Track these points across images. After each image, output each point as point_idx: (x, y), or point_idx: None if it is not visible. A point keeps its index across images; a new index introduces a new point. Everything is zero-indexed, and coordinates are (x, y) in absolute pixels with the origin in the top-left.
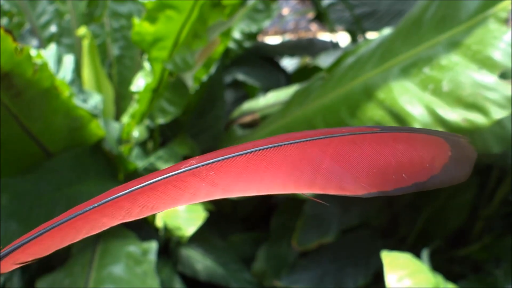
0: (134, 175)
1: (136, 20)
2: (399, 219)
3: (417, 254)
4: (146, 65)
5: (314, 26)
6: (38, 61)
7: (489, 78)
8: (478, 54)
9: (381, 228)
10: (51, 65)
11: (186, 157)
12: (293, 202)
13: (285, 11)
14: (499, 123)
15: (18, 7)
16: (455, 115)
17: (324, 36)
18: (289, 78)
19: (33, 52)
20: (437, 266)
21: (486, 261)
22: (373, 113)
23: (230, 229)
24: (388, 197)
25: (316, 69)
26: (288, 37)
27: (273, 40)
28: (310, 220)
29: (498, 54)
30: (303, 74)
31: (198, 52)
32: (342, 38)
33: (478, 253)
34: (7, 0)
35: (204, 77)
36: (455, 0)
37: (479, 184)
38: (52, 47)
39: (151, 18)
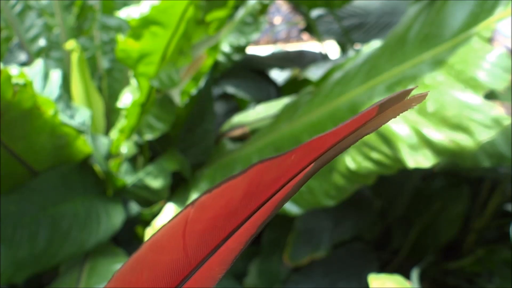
0: (123, 191)
1: (121, 38)
2: (392, 232)
3: (410, 267)
4: (133, 81)
5: (306, 35)
6: (20, 80)
7: (474, 99)
8: (462, 74)
9: (374, 241)
10: (38, 81)
11: (175, 173)
12: (284, 217)
13: (277, 20)
14: None
15: (6, 21)
16: (440, 135)
17: (316, 45)
18: (279, 90)
19: (15, 71)
20: (431, 278)
21: (479, 274)
22: None
23: None
24: (381, 210)
25: (306, 82)
26: (280, 46)
27: (264, 49)
28: (302, 235)
29: (482, 75)
30: (293, 86)
31: (184, 68)
32: (332, 48)
33: (471, 266)
34: None
35: (193, 91)
36: (439, 18)
37: (471, 195)
38: (39, 63)
39: (136, 35)
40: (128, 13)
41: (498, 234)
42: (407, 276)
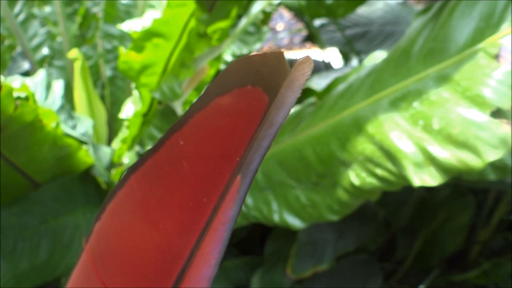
0: None
1: (123, 50)
2: (396, 242)
3: (415, 278)
4: (135, 92)
5: (308, 42)
6: (22, 93)
7: (480, 117)
8: (468, 91)
9: (378, 251)
10: (40, 92)
11: None
12: (287, 228)
13: (280, 26)
14: None
15: (9, 29)
16: (446, 153)
17: (319, 52)
18: None
19: (16, 84)
20: None
21: (484, 287)
22: (364, 147)
23: (223, 255)
24: (385, 220)
25: (309, 91)
26: None
27: None
28: (305, 247)
29: (488, 92)
30: None
31: (186, 79)
32: (335, 55)
33: (477, 279)
34: None
35: None
36: (444, 32)
37: (476, 205)
38: (41, 73)
39: (138, 47)
40: (130, 26)
41: (504, 245)
42: (412, 287)
